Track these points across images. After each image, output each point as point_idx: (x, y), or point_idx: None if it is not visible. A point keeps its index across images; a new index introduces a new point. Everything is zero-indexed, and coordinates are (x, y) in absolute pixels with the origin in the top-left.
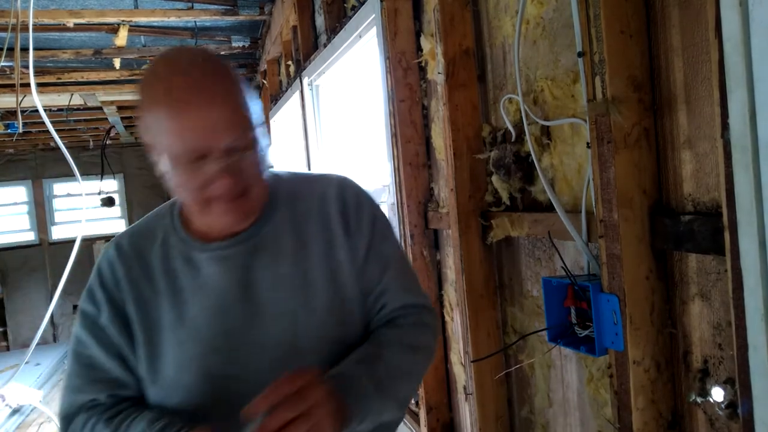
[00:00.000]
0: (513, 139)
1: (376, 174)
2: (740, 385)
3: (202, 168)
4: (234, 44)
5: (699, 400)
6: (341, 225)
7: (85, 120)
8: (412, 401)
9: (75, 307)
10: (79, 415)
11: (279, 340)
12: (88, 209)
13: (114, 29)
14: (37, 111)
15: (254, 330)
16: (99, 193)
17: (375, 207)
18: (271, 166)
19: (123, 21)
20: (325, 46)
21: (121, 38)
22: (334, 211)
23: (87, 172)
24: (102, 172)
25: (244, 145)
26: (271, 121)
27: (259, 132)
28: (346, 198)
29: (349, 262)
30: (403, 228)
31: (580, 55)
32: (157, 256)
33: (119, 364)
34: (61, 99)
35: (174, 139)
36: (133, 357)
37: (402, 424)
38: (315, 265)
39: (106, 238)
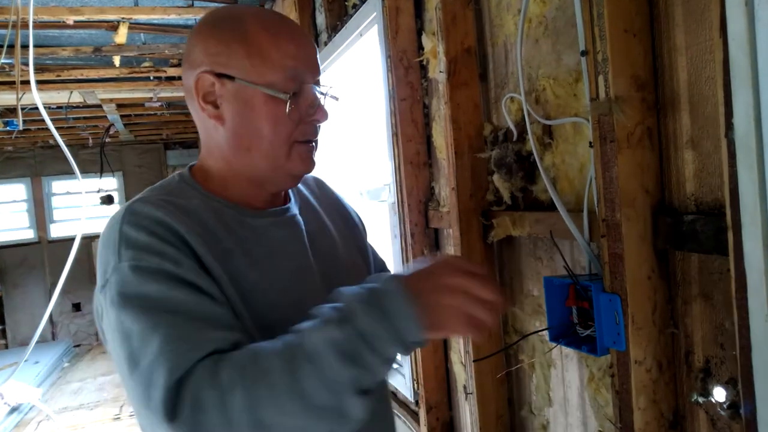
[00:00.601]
0: (515, 138)
1: (376, 173)
2: (742, 385)
3: (304, 94)
4: None
5: (701, 400)
6: (349, 216)
7: (84, 117)
8: (412, 400)
9: (74, 305)
10: (197, 370)
11: None
12: (87, 207)
13: (114, 27)
14: (36, 108)
15: (324, 294)
16: (98, 191)
17: None
18: None
19: (123, 18)
20: (325, 44)
21: (121, 36)
22: (337, 197)
23: (86, 170)
24: (101, 170)
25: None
26: None
27: None
28: (338, 192)
29: (362, 237)
30: (404, 227)
31: (583, 53)
32: (207, 216)
33: (227, 310)
34: (60, 96)
35: (294, 60)
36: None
37: (402, 423)
38: (347, 246)
39: None
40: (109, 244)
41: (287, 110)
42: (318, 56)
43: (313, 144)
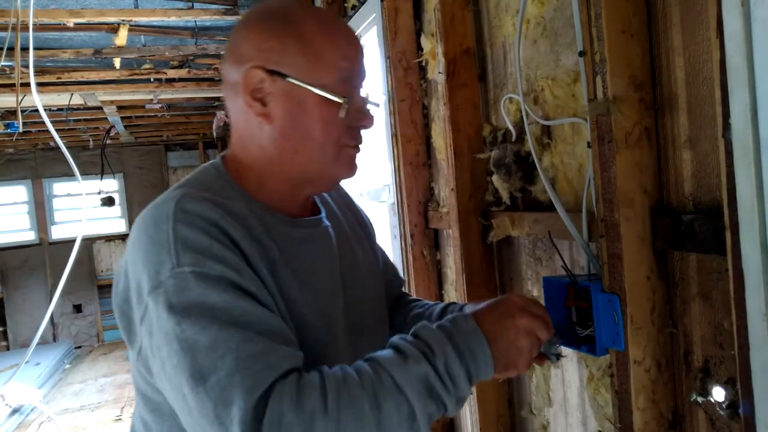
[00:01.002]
0: (513, 138)
1: (376, 173)
2: (741, 385)
3: (354, 99)
4: None
5: (700, 400)
6: (362, 217)
7: (85, 120)
8: None
9: (75, 306)
10: (277, 390)
11: (373, 323)
12: (88, 209)
13: (114, 29)
14: (37, 110)
15: (352, 315)
16: (99, 193)
17: None
18: None
19: (123, 20)
20: None
21: (121, 38)
22: (353, 202)
23: (87, 172)
24: (102, 172)
25: None
26: None
27: None
28: (346, 191)
29: (378, 248)
30: (404, 227)
31: (581, 54)
32: (252, 221)
33: (287, 326)
34: (61, 98)
35: (349, 62)
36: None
37: None
38: (364, 246)
39: (106, 238)
40: (162, 243)
41: (341, 114)
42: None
43: (359, 148)
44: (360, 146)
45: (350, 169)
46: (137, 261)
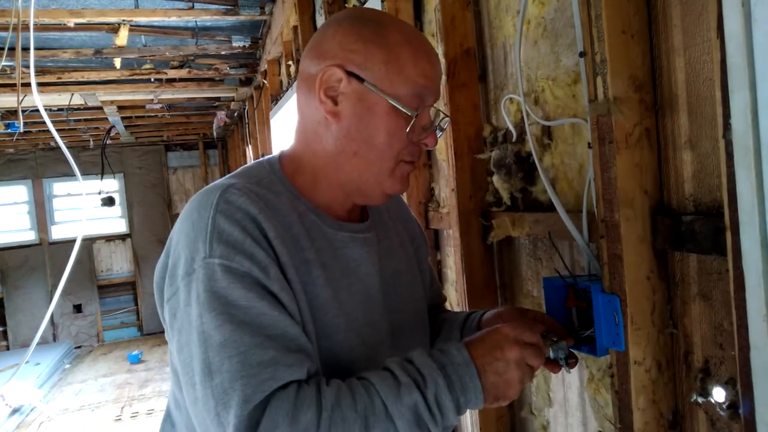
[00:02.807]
0: (514, 139)
1: None
2: (742, 385)
3: (422, 116)
4: (234, 44)
5: (700, 400)
6: (414, 233)
7: (85, 120)
8: None
9: (75, 306)
10: (275, 401)
11: (408, 332)
12: (88, 209)
13: (114, 29)
14: (37, 110)
15: (388, 323)
16: (99, 193)
17: None
18: None
19: (123, 21)
20: None
21: (122, 38)
22: (407, 213)
23: (87, 172)
24: (102, 172)
25: None
26: (271, 121)
27: None
28: (406, 206)
29: (426, 266)
30: None
31: (581, 55)
32: (293, 219)
33: (302, 332)
34: (61, 99)
35: (426, 80)
36: (303, 329)
37: None
38: (410, 261)
39: (106, 238)
40: (200, 231)
41: (408, 128)
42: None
43: (414, 165)
44: (415, 164)
45: (402, 185)
46: (179, 243)
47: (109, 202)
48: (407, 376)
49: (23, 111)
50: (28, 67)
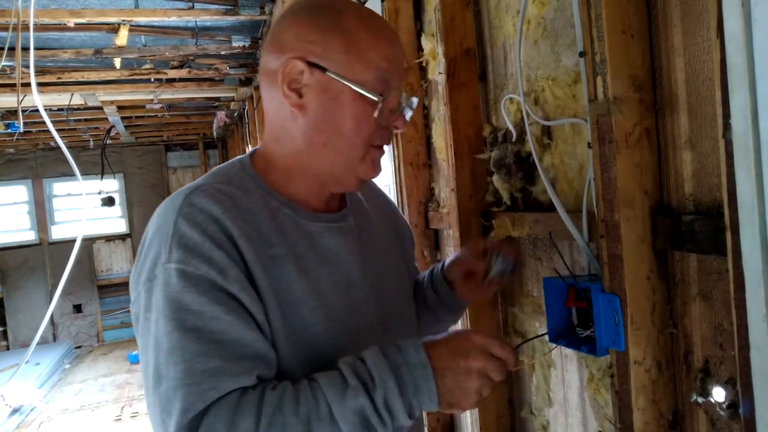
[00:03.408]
0: (514, 139)
1: None
2: (741, 385)
3: (389, 99)
4: (234, 44)
5: (700, 400)
6: (399, 227)
7: (85, 120)
8: None
9: (75, 306)
10: (216, 409)
11: (387, 320)
12: (88, 209)
13: (114, 29)
14: (37, 110)
15: (370, 310)
16: (99, 193)
17: None
18: None
19: (123, 21)
20: None
21: (122, 38)
22: (387, 204)
23: (87, 172)
24: (102, 172)
25: None
26: None
27: None
28: (388, 197)
29: (410, 261)
30: None
31: (581, 55)
32: (262, 217)
33: (258, 336)
34: (61, 99)
35: (388, 63)
36: (269, 328)
37: None
38: (394, 249)
39: (106, 238)
40: (163, 235)
41: (376, 113)
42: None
43: (383, 150)
44: (386, 148)
45: (374, 170)
46: (145, 248)
47: (109, 202)
48: (356, 378)
49: (23, 111)
50: (28, 67)
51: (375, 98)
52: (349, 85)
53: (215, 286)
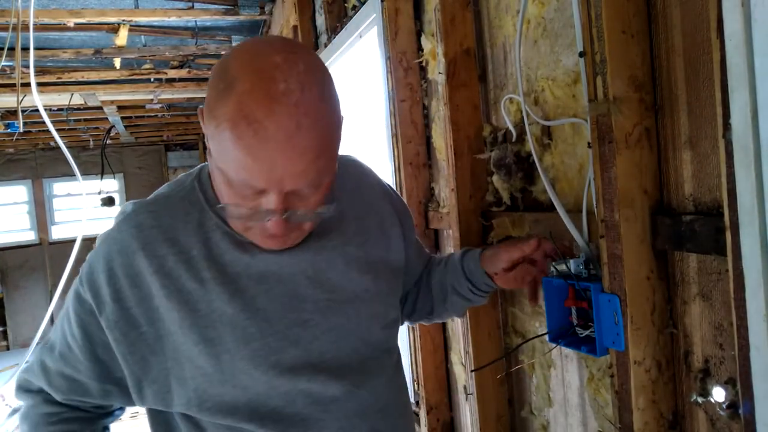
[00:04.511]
0: (514, 139)
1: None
2: (741, 385)
3: (260, 201)
4: (234, 44)
5: (700, 400)
6: (392, 213)
7: (85, 119)
8: (413, 401)
9: None
10: (32, 394)
11: (353, 325)
12: (88, 209)
13: (114, 29)
14: (37, 110)
15: (329, 317)
16: (99, 193)
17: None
18: None
19: (123, 21)
20: (325, 46)
21: (122, 38)
22: (383, 198)
23: (87, 172)
24: (102, 172)
25: (313, 188)
26: None
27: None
28: (389, 190)
29: (401, 249)
30: None
31: (581, 55)
32: (194, 240)
33: (96, 370)
34: (61, 98)
35: (247, 172)
36: (143, 362)
37: None
38: (374, 248)
39: None
40: (96, 249)
41: (228, 214)
42: (302, 169)
43: (281, 237)
44: (274, 239)
45: (263, 245)
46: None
47: (109, 202)
48: None
49: (23, 111)
50: (27, 67)
51: (221, 204)
52: (214, 173)
53: (91, 313)
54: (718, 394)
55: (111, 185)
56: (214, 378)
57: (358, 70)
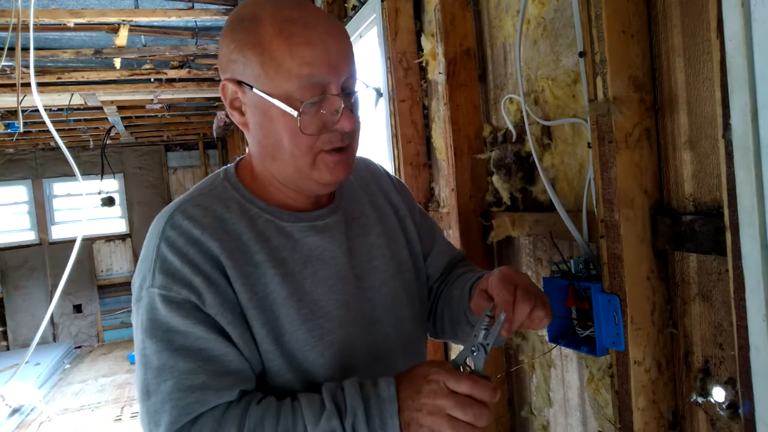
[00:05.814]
0: (514, 139)
1: None
2: (741, 385)
3: (325, 102)
4: None
5: (700, 400)
6: (400, 198)
7: (85, 120)
8: None
9: (75, 306)
10: (201, 421)
11: (384, 310)
12: (88, 209)
13: (114, 29)
14: (37, 111)
15: (365, 302)
16: (99, 193)
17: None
18: None
19: (123, 21)
20: None
21: (122, 38)
22: (389, 185)
23: (87, 172)
24: (102, 172)
25: (353, 78)
26: None
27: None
28: (391, 175)
29: (414, 230)
30: None
31: (581, 55)
32: (242, 226)
33: (238, 353)
34: (61, 99)
35: (311, 67)
36: (251, 341)
37: None
38: (394, 234)
39: (106, 238)
40: (148, 259)
41: (298, 125)
42: (347, 50)
43: (344, 150)
44: (342, 148)
45: (332, 175)
46: (138, 269)
47: (109, 202)
48: (333, 402)
49: (23, 111)
50: (27, 67)
51: (292, 113)
52: (271, 100)
53: (196, 308)
54: (718, 394)
55: (111, 185)
56: (275, 362)
57: (359, 70)
